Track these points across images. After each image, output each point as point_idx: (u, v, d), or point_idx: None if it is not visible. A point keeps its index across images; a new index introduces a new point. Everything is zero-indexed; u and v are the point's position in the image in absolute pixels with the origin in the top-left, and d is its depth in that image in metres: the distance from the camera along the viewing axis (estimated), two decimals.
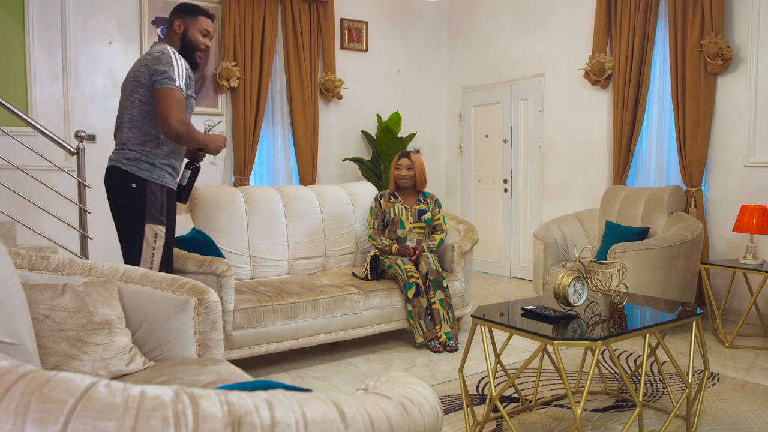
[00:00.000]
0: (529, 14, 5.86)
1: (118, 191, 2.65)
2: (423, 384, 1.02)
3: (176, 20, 2.77)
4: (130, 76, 2.70)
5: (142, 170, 2.63)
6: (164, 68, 2.57)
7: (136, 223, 2.63)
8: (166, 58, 2.60)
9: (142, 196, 2.62)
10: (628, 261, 3.66)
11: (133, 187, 2.62)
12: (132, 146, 2.64)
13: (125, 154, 2.64)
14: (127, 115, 2.66)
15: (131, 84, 2.67)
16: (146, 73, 2.61)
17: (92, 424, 0.66)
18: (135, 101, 2.64)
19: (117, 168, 2.64)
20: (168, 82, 2.56)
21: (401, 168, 4.01)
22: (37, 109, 4.64)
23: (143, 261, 2.64)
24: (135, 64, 2.73)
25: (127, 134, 2.66)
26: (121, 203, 2.66)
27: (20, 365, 0.72)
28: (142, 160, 2.64)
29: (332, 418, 0.80)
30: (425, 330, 3.65)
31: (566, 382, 2.08)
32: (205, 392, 0.75)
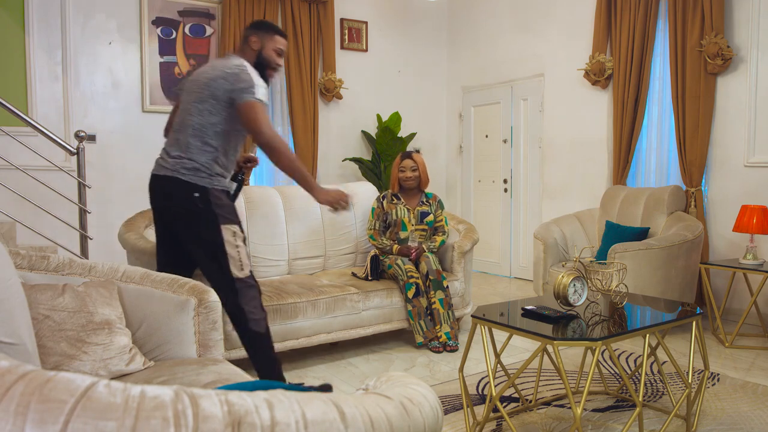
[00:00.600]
0: (529, 14, 5.86)
1: (179, 202, 2.56)
2: (423, 384, 1.02)
3: (253, 36, 2.75)
4: (201, 81, 2.60)
5: (201, 179, 2.56)
6: (247, 84, 2.55)
7: (210, 230, 2.55)
8: (245, 74, 2.57)
9: (207, 204, 2.55)
10: (628, 261, 3.66)
11: (196, 197, 2.54)
12: (191, 155, 2.56)
13: (184, 164, 2.55)
14: (192, 122, 2.58)
15: (201, 90, 2.58)
16: (224, 86, 2.55)
17: (92, 424, 0.66)
18: (203, 110, 2.57)
19: (176, 179, 2.54)
20: (251, 96, 2.54)
21: (405, 170, 3.99)
22: (37, 109, 4.64)
23: (232, 261, 2.56)
24: (207, 69, 2.63)
25: (188, 141, 2.57)
26: (184, 215, 2.57)
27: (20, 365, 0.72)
28: (201, 170, 2.57)
29: (332, 418, 0.80)
30: (425, 330, 3.65)
31: (566, 382, 2.08)
32: (205, 392, 0.75)
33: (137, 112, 5.10)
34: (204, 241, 2.57)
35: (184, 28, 5.24)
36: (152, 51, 5.13)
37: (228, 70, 2.57)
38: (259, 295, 2.67)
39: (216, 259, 2.56)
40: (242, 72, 2.56)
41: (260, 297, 2.67)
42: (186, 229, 2.60)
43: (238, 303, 2.58)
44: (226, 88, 2.55)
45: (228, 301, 2.58)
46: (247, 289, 2.60)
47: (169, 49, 5.20)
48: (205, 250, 2.59)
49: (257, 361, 2.66)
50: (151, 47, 5.12)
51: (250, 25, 2.81)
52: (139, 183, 5.11)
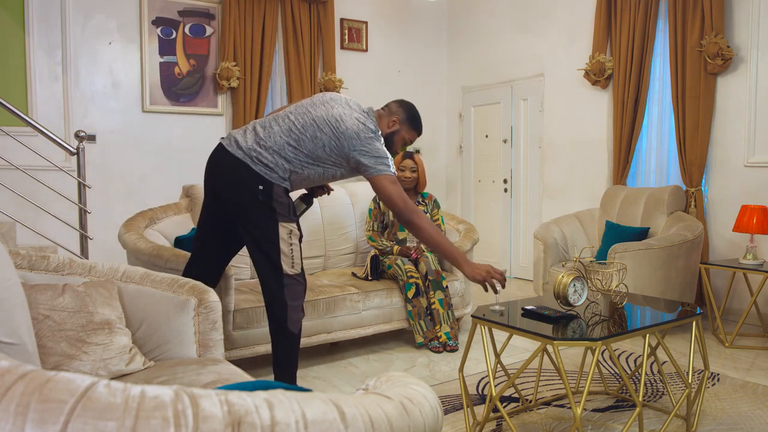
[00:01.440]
0: (529, 14, 5.86)
1: (242, 190, 2.52)
2: (423, 384, 1.02)
3: (397, 117, 2.74)
4: (332, 114, 2.56)
5: (270, 176, 2.52)
6: (377, 153, 2.55)
7: (268, 225, 2.52)
8: (381, 146, 2.58)
9: (268, 199, 2.51)
10: (628, 261, 3.66)
11: (260, 189, 2.50)
12: (275, 158, 2.52)
13: (261, 156, 2.50)
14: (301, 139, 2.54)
15: (332, 126, 2.54)
16: (353, 143, 2.53)
17: (92, 424, 0.66)
18: (318, 140, 2.53)
19: (246, 165, 2.50)
20: (383, 167, 2.55)
21: (405, 170, 3.99)
22: (37, 109, 4.64)
23: (284, 257, 2.53)
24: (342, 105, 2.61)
25: (282, 148, 2.52)
26: (244, 204, 2.53)
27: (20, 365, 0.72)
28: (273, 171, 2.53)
29: (332, 418, 0.80)
30: (425, 330, 3.65)
31: (566, 382, 2.08)
32: (205, 392, 0.75)
33: (137, 112, 5.10)
34: (259, 234, 2.54)
35: (184, 28, 5.24)
36: (152, 51, 5.13)
37: (362, 132, 2.55)
38: (304, 294, 2.64)
39: (269, 253, 2.53)
40: (375, 140, 2.57)
41: (304, 297, 2.64)
42: (243, 219, 2.56)
43: (283, 298, 2.54)
44: (354, 146, 2.53)
45: (273, 295, 2.55)
46: (295, 286, 2.57)
47: (169, 49, 5.20)
48: (258, 243, 2.55)
49: (281, 360, 2.63)
50: (151, 47, 5.12)
51: (404, 108, 2.78)
52: (139, 183, 5.14)
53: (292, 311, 2.56)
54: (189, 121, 5.30)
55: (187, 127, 5.29)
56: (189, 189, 3.85)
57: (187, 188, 3.87)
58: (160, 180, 5.13)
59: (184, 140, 5.27)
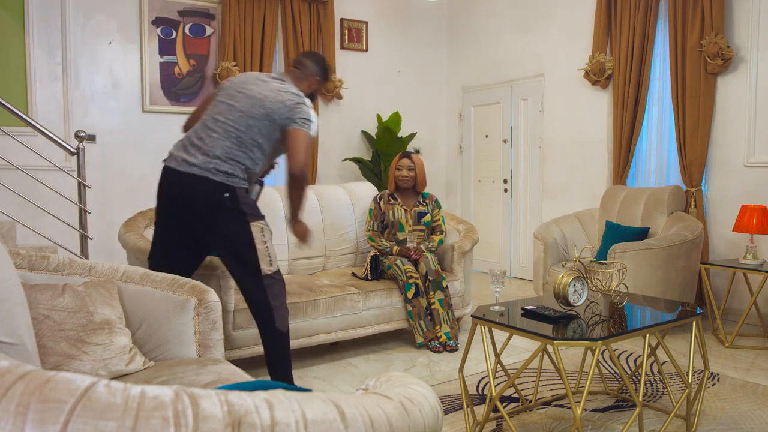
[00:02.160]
0: (529, 14, 5.86)
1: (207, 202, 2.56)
2: (423, 384, 1.02)
3: (318, 77, 2.83)
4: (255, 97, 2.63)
5: (230, 180, 2.58)
6: (306, 115, 2.65)
7: (240, 228, 2.58)
8: (306, 108, 2.67)
9: (236, 203, 2.57)
10: (628, 261, 3.66)
11: (226, 196, 2.56)
12: (229, 163, 2.58)
13: (218, 166, 2.56)
14: (239, 133, 2.60)
15: (255, 107, 2.61)
16: (283, 113, 2.61)
17: (92, 424, 0.66)
18: (252, 126, 2.61)
19: (207, 179, 2.54)
20: (307, 127, 2.64)
21: (402, 168, 4.01)
22: (37, 109, 4.64)
23: (261, 256, 2.59)
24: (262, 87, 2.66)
25: (230, 151, 2.58)
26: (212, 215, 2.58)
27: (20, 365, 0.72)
28: (234, 176, 2.59)
29: (332, 418, 0.80)
30: (425, 330, 3.65)
31: (566, 382, 2.08)
32: (205, 392, 0.75)
33: (137, 112, 5.10)
34: (234, 239, 2.59)
35: (184, 28, 5.24)
36: (152, 51, 5.13)
37: (288, 101, 2.64)
38: (285, 291, 2.70)
39: (244, 256, 2.59)
40: (303, 105, 2.66)
41: (285, 294, 2.71)
42: (212, 229, 2.60)
43: (266, 300, 2.60)
44: (285, 115, 2.62)
45: (255, 298, 2.60)
46: (275, 285, 2.63)
47: (169, 49, 5.20)
48: (234, 248, 2.60)
49: (275, 361, 2.67)
50: (151, 47, 5.12)
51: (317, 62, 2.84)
52: (139, 183, 5.13)
53: (277, 311, 2.62)
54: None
55: None
56: None
57: None
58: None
59: None
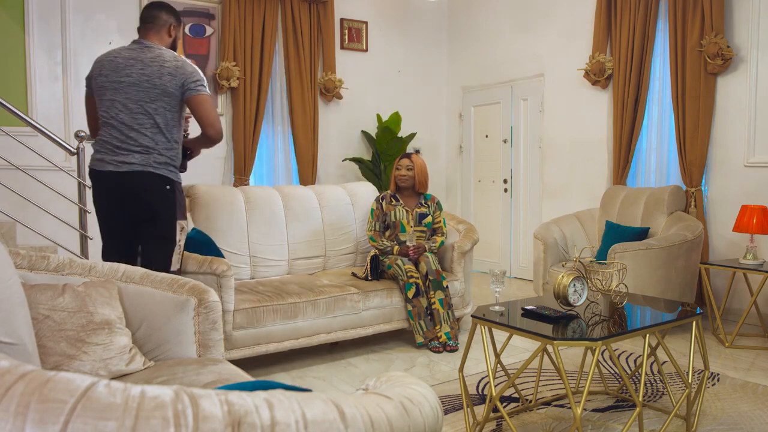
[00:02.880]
0: (529, 14, 5.86)
1: (153, 195, 2.68)
2: (423, 384, 1.02)
3: (172, 25, 2.81)
4: (139, 79, 2.65)
5: (171, 172, 2.72)
6: (195, 75, 2.68)
7: (171, 221, 2.72)
8: (190, 66, 2.69)
9: (173, 197, 2.72)
10: (628, 261, 3.66)
11: (168, 189, 2.69)
12: (161, 151, 2.68)
13: (155, 158, 2.67)
14: (150, 121, 2.66)
15: (148, 90, 2.64)
16: (174, 83, 2.64)
17: (92, 424, 0.66)
18: (159, 109, 2.66)
19: (149, 173, 2.65)
20: (204, 89, 2.69)
21: (401, 168, 4.03)
22: (37, 109, 4.64)
23: (176, 254, 2.75)
24: (136, 65, 2.67)
25: (155, 139, 2.68)
26: (154, 205, 2.69)
27: (20, 365, 0.72)
28: (169, 163, 2.71)
29: (332, 418, 0.80)
30: (425, 330, 3.65)
31: (566, 382, 2.08)
32: (205, 392, 0.75)
33: None
34: (163, 229, 2.72)
35: (184, 28, 5.24)
36: None
37: (168, 64, 2.66)
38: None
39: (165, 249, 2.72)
40: (185, 64, 2.68)
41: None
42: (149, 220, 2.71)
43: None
44: (177, 83, 2.65)
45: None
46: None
47: None
48: (160, 241, 2.73)
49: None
50: None
51: (166, 9, 2.81)
52: None
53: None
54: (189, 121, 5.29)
55: None
56: (189, 189, 3.85)
57: (187, 188, 3.87)
58: None
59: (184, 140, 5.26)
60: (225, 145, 5.42)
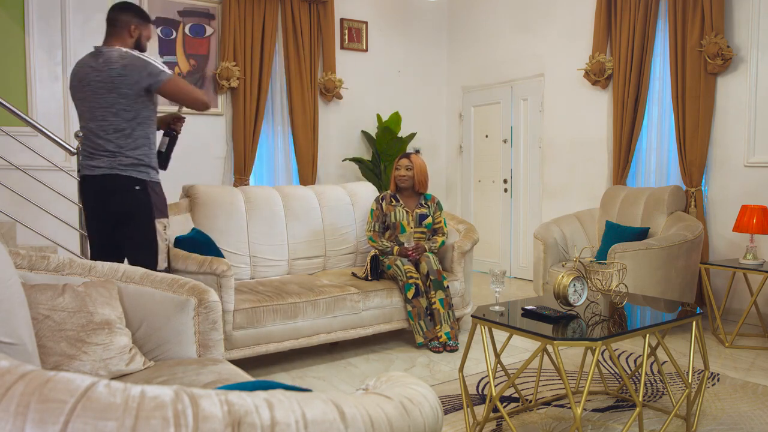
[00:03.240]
0: (529, 14, 5.86)
1: (121, 196, 2.70)
2: (423, 384, 1.02)
3: (132, 24, 2.78)
4: (96, 86, 2.67)
5: (141, 173, 2.73)
6: (149, 68, 2.65)
7: (148, 222, 2.73)
8: (137, 59, 2.66)
9: (147, 196, 2.73)
10: (628, 261, 3.66)
11: (138, 189, 2.70)
12: (126, 153, 2.70)
13: (121, 161, 2.69)
14: (111, 125, 2.68)
15: (104, 95, 2.66)
16: (127, 83, 2.63)
17: (92, 424, 0.66)
18: (118, 111, 2.67)
19: (116, 175, 2.68)
20: (163, 74, 2.66)
21: (400, 168, 4.03)
22: (37, 109, 4.64)
23: (161, 253, 2.77)
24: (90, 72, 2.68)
25: (119, 143, 2.70)
26: (126, 208, 2.72)
27: (20, 365, 0.72)
28: (138, 163, 2.72)
29: (332, 418, 0.80)
30: (425, 330, 3.65)
31: (566, 382, 2.08)
32: (205, 392, 0.75)
33: None
34: (141, 231, 2.73)
35: (184, 28, 5.24)
36: (152, 51, 5.12)
37: (117, 65, 2.63)
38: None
39: (147, 249, 2.73)
40: (133, 59, 2.65)
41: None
42: (125, 221, 2.73)
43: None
44: (131, 81, 2.63)
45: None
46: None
47: (169, 49, 5.20)
48: (139, 241, 2.74)
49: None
50: (151, 47, 5.11)
51: (125, 9, 2.80)
52: None
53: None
54: (189, 121, 5.27)
55: (187, 127, 5.24)
56: (189, 189, 3.85)
57: (187, 188, 3.87)
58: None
59: (184, 140, 5.23)
60: (225, 145, 5.42)
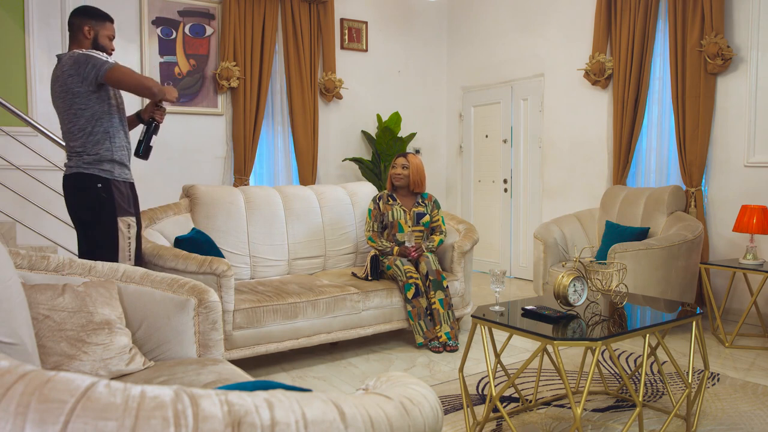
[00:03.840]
0: (529, 14, 5.86)
1: (84, 194, 2.73)
2: (423, 384, 1.02)
3: (86, 25, 2.81)
4: (57, 92, 2.74)
5: (104, 171, 2.75)
6: (91, 61, 2.66)
7: (107, 220, 2.74)
8: (82, 57, 2.69)
9: (110, 194, 2.74)
10: (628, 261, 3.66)
11: (99, 187, 2.73)
12: (89, 151, 2.73)
13: (84, 159, 2.73)
14: (75, 126, 2.73)
15: (64, 99, 2.72)
16: (76, 81, 2.67)
17: (92, 424, 0.66)
18: (77, 111, 2.71)
19: (80, 173, 2.72)
20: (106, 65, 2.66)
21: (396, 166, 4.03)
22: (37, 109, 4.64)
23: (121, 251, 2.75)
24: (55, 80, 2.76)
25: (81, 142, 2.74)
26: (88, 205, 2.74)
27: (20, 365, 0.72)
28: (102, 160, 2.75)
29: (332, 418, 0.80)
30: (425, 330, 3.65)
31: (566, 382, 2.08)
32: (205, 392, 0.75)
33: None
34: (100, 229, 2.73)
35: (184, 28, 5.24)
36: (152, 51, 5.12)
37: (65, 67, 2.69)
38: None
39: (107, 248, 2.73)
40: (77, 57, 2.68)
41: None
42: (91, 217, 2.74)
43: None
44: (79, 79, 2.67)
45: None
46: None
47: (169, 49, 5.20)
48: (99, 239, 2.74)
49: None
50: (151, 47, 5.12)
51: (78, 13, 2.84)
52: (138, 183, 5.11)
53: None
54: (189, 121, 5.30)
55: (187, 127, 5.29)
56: (189, 189, 3.85)
57: (187, 188, 3.87)
58: (159, 180, 5.12)
59: (184, 140, 5.27)
60: (225, 145, 5.43)
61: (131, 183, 2.90)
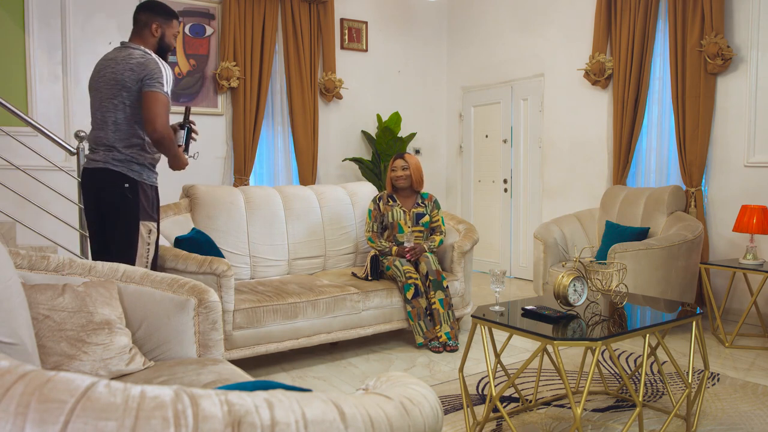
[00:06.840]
0: (529, 14, 5.86)
1: (110, 192, 2.70)
2: (423, 384, 1.02)
3: (154, 23, 2.79)
4: (108, 77, 2.70)
5: (132, 171, 2.71)
6: (154, 73, 2.64)
7: (131, 222, 2.71)
8: (153, 63, 2.66)
9: (135, 196, 2.70)
10: (628, 261, 3.66)
11: (126, 187, 2.69)
12: (120, 149, 2.70)
13: (114, 155, 2.69)
14: (111, 118, 2.70)
15: (112, 86, 2.68)
16: (132, 78, 2.65)
17: (92, 424, 0.66)
18: (119, 104, 2.68)
19: (108, 170, 2.68)
20: (158, 86, 2.64)
21: (396, 169, 4.02)
22: (37, 109, 4.64)
23: (139, 257, 2.72)
24: (110, 64, 2.71)
25: (113, 137, 2.70)
26: (113, 203, 2.70)
27: (20, 365, 0.72)
28: (132, 161, 2.72)
29: (332, 418, 0.80)
30: (425, 330, 3.65)
31: (566, 382, 2.08)
32: (205, 392, 0.75)
33: None
34: (122, 230, 2.71)
35: (184, 28, 5.24)
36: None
37: (132, 60, 2.66)
38: None
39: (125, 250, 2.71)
40: (148, 62, 2.66)
41: None
42: (113, 216, 2.72)
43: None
44: (136, 78, 2.65)
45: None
46: None
47: None
48: (119, 239, 2.72)
49: None
50: None
51: (146, 9, 2.80)
52: None
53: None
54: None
55: None
56: (189, 189, 3.85)
57: (187, 188, 3.87)
58: (159, 180, 5.11)
59: None
60: (225, 145, 5.43)
61: (156, 187, 2.87)
